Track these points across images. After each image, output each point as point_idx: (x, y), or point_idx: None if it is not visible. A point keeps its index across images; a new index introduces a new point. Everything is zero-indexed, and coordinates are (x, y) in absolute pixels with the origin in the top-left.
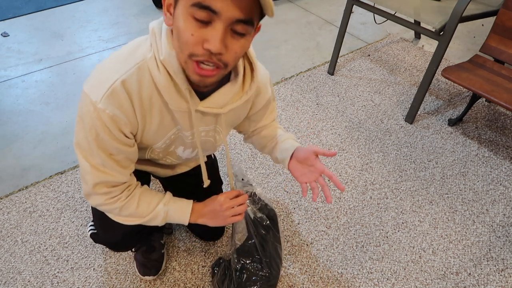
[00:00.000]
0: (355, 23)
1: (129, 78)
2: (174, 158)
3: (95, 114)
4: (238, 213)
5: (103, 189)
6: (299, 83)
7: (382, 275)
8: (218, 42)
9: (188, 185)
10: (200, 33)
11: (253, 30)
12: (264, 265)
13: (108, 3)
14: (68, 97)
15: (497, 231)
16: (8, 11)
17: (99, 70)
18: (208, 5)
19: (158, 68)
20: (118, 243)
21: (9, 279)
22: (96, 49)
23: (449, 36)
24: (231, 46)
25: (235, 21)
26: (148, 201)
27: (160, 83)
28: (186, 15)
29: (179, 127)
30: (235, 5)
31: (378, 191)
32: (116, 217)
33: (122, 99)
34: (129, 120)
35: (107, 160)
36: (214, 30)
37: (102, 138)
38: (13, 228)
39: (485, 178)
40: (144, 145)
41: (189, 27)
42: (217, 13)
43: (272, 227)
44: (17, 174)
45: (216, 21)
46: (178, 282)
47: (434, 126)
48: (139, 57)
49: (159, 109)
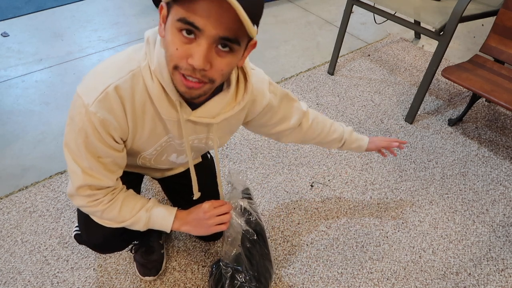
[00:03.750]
0: (355, 23)
1: (123, 84)
2: (168, 165)
3: (86, 117)
4: (222, 222)
5: (86, 191)
6: (299, 83)
7: (382, 275)
8: (201, 58)
9: (184, 186)
10: (185, 48)
11: (240, 48)
12: (252, 279)
13: (108, 3)
14: (68, 97)
15: (497, 231)
16: (8, 11)
17: (93, 74)
18: (192, 21)
19: (151, 77)
20: (99, 245)
21: (9, 279)
22: (96, 49)
23: (449, 36)
24: (216, 63)
25: (218, 38)
26: (131, 206)
27: (153, 92)
28: (173, 28)
29: (171, 135)
30: (219, 23)
31: (378, 191)
32: (98, 220)
33: (114, 104)
34: (119, 125)
35: (94, 163)
36: (198, 46)
37: (91, 141)
38: (13, 228)
39: (485, 178)
40: (135, 151)
41: (175, 41)
42: (201, 30)
43: (259, 242)
44: (17, 174)
45: (200, 37)
46: (178, 282)
47: (434, 126)
48: (134, 64)
49: (152, 117)
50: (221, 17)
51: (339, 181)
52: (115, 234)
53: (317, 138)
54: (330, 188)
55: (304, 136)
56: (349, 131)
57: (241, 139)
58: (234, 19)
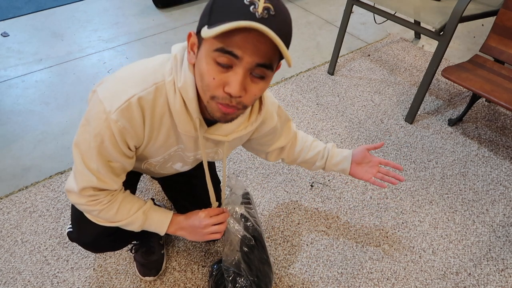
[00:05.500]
0: (355, 23)
1: (146, 96)
2: (171, 172)
3: (106, 124)
4: (217, 231)
5: (89, 192)
6: (299, 83)
7: (382, 275)
8: (238, 86)
9: (184, 184)
10: (222, 77)
11: (272, 73)
12: (253, 284)
13: (108, 3)
14: (68, 97)
15: (497, 231)
16: (8, 11)
17: (117, 80)
18: (230, 50)
19: (175, 92)
20: (89, 243)
21: (9, 279)
22: (96, 49)
23: (449, 36)
24: (250, 89)
25: (255, 65)
26: (129, 208)
27: (175, 107)
28: (209, 58)
29: (181, 146)
30: (256, 51)
31: (378, 191)
32: (93, 218)
33: (136, 114)
34: (136, 134)
35: (103, 167)
36: (235, 74)
37: (106, 146)
38: (13, 228)
39: (485, 178)
40: (143, 157)
41: (211, 70)
42: (239, 58)
43: (257, 248)
44: (17, 174)
45: (237, 66)
46: (178, 282)
47: (434, 126)
48: (159, 77)
49: (167, 129)
50: (259, 46)
51: (339, 181)
52: (106, 234)
53: (299, 154)
54: (330, 188)
55: (288, 154)
56: (331, 144)
57: None
58: (270, 46)
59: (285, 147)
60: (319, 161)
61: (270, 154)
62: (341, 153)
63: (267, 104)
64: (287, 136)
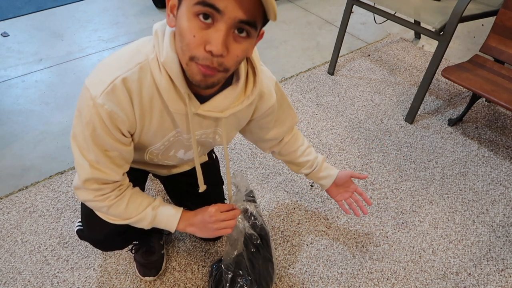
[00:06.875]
0: (355, 23)
1: (130, 76)
2: (175, 161)
3: (94, 109)
4: (227, 227)
5: (93, 185)
6: (299, 83)
7: (382, 275)
8: (220, 43)
9: (187, 185)
10: (202, 34)
11: (256, 33)
12: (253, 282)
13: (108, 3)
14: (68, 97)
15: (497, 231)
16: (8, 11)
17: (101, 67)
18: (212, 3)
19: (159, 69)
20: (100, 241)
21: (9, 279)
22: (96, 49)
23: (449, 36)
24: (233, 49)
25: (238, 21)
26: (138, 203)
27: (161, 85)
28: (190, 14)
29: (179, 129)
30: (239, 5)
31: (378, 191)
32: (103, 215)
33: (122, 96)
34: (127, 118)
35: (101, 157)
36: (217, 31)
37: (99, 133)
38: (13, 228)
39: (485, 178)
40: (142, 146)
41: (192, 27)
42: (221, 11)
43: (263, 247)
44: (17, 174)
45: (219, 22)
46: (178, 282)
47: (434, 126)
48: (141, 57)
49: (160, 111)
50: (242, 0)
51: None
52: (117, 232)
53: (294, 154)
54: None
55: (282, 148)
56: (321, 158)
57: (241, 139)
58: (254, 1)
59: (283, 141)
60: (306, 169)
61: (267, 142)
62: (329, 170)
63: (263, 77)
64: (285, 121)
